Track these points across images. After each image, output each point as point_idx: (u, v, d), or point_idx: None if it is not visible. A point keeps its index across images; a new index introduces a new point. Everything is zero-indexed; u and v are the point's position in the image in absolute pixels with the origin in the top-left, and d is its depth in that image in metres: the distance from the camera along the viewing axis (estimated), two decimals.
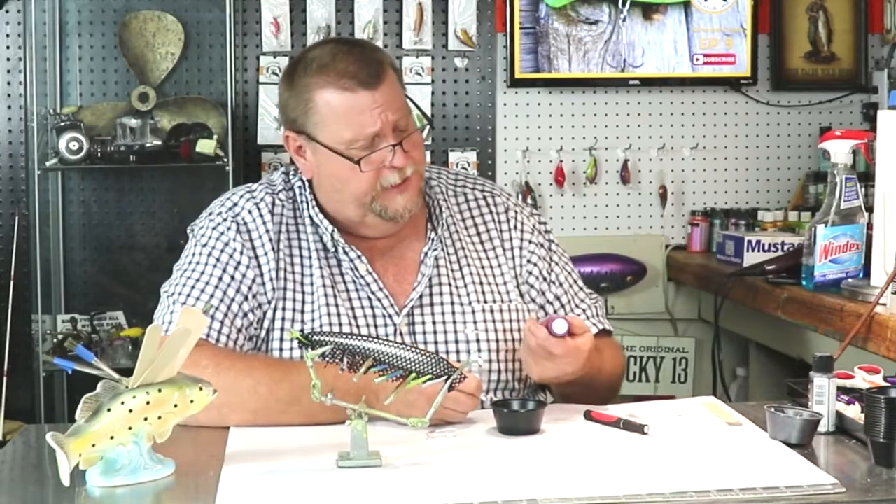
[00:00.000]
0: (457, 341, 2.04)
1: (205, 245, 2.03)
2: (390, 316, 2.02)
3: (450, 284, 2.08)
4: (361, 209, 2.02)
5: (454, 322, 2.05)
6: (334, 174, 2.01)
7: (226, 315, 1.96)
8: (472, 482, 1.52)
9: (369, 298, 2.03)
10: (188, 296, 1.98)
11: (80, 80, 3.87)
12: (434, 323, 2.04)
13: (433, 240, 2.09)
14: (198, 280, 1.99)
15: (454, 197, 2.18)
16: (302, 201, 2.08)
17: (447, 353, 2.02)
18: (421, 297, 2.05)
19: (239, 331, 1.97)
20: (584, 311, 2.16)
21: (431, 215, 2.12)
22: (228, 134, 3.69)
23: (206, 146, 3.64)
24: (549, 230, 2.22)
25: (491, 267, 2.13)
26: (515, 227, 2.17)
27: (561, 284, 2.16)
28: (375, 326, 2.02)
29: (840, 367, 1.86)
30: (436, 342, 2.03)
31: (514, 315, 2.09)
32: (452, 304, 2.06)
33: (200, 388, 1.58)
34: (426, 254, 2.08)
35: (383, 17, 3.95)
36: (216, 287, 1.98)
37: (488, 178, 3.93)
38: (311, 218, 2.07)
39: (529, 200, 3.97)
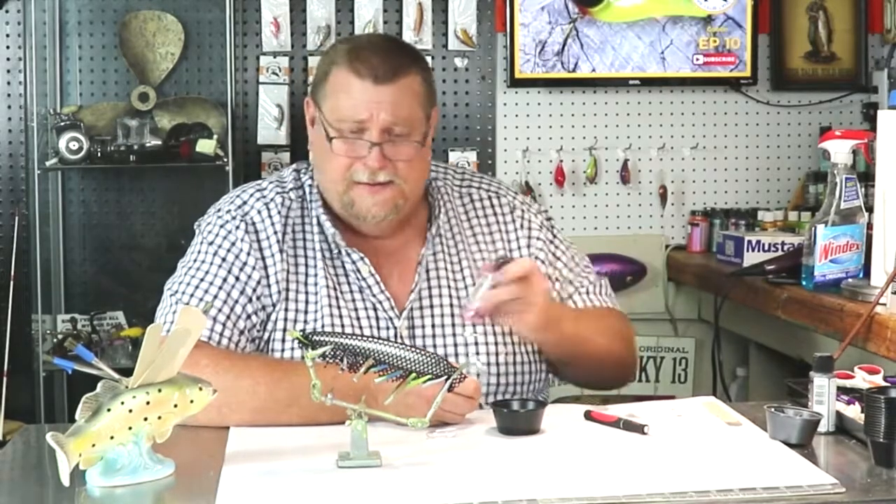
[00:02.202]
0: (455, 344, 2.03)
1: (211, 243, 2.02)
2: (391, 318, 2.02)
3: (449, 287, 2.07)
4: (338, 198, 2.01)
5: (453, 325, 2.04)
6: (319, 147, 2.02)
7: (228, 317, 1.96)
8: (472, 482, 1.52)
9: (371, 300, 2.03)
10: (191, 295, 1.97)
11: (80, 80, 3.87)
12: (433, 326, 2.04)
13: (429, 240, 2.08)
14: (202, 280, 1.98)
15: (459, 198, 2.17)
16: (311, 200, 2.08)
17: (445, 355, 2.00)
18: (420, 297, 2.04)
19: (241, 333, 1.97)
20: (589, 285, 2.15)
21: (432, 216, 2.12)
22: (228, 134, 3.68)
23: (206, 146, 3.64)
24: (554, 225, 2.22)
25: None
26: (522, 226, 2.16)
27: (560, 258, 2.15)
28: (378, 328, 2.01)
29: (840, 367, 1.86)
30: (434, 345, 2.02)
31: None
32: (452, 305, 2.05)
33: (200, 388, 1.58)
34: (423, 255, 2.07)
35: (383, 16, 3.94)
36: (220, 288, 1.97)
37: None
38: (317, 218, 2.06)
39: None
